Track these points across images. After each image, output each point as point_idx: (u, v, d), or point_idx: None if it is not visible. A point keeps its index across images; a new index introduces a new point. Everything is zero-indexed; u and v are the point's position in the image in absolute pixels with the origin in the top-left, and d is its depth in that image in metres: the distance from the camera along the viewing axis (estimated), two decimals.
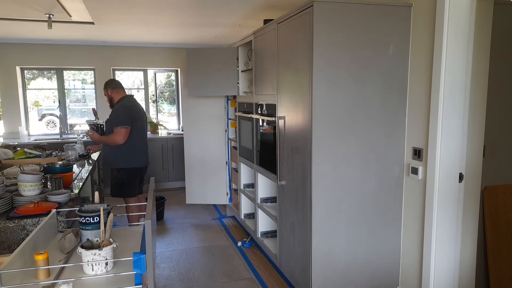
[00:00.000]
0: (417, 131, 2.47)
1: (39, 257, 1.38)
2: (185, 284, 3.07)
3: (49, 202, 2.22)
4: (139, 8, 3.59)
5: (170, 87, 6.90)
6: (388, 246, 2.66)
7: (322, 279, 2.55)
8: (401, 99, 2.53)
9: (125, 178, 3.67)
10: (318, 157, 2.42)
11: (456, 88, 2.25)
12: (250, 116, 3.49)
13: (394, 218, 2.65)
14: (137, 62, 6.22)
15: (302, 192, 2.59)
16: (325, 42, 2.33)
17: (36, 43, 5.68)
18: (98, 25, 4.36)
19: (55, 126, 6.30)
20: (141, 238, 1.76)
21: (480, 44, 2.30)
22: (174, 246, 3.82)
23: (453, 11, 2.17)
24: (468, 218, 2.44)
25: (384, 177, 2.57)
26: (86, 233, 1.60)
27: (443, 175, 2.31)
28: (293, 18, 2.56)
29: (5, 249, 1.97)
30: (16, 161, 3.34)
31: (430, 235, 2.37)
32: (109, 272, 1.45)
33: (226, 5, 3.52)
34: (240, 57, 3.91)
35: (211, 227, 4.36)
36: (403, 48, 2.48)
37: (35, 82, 6.29)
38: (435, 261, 2.39)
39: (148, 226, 1.32)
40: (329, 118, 2.41)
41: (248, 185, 4.11)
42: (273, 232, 3.64)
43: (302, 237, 2.63)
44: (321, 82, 2.36)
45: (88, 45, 5.92)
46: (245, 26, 4.47)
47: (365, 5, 2.39)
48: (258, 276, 3.17)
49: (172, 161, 6.01)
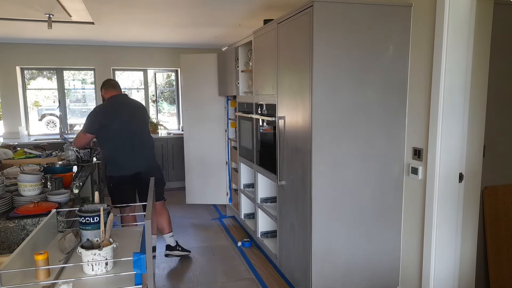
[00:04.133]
0: (417, 131, 2.47)
1: (39, 257, 1.38)
2: (185, 284, 3.07)
3: (49, 202, 2.22)
4: (139, 8, 3.59)
5: (170, 87, 6.90)
6: (388, 246, 2.66)
7: (322, 279, 2.55)
8: (401, 99, 2.53)
9: (111, 186, 3.26)
10: (318, 157, 2.42)
11: (456, 88, 2.25)
12: (250, 116, 3.50)
13: (394, 218, 2.65)
14: (137, 62, 6.22)
15: (302, 192, 2.59)
16: (325, 42, 2.33)
17: (36, 43, 5.68)
18: (98, 25, 4.36)
19: (55, 126, 6.30)
20: (141, 238, 1.76)
21: (480, 44, 2.30)
22: None
23: (453, 11, 2.16)
24: (468, 218, 2.44)
25: (384, 177, 2.57)
26: (86, 233, 1.60)
27: (443, 175, 2.31)
28: (293, 18, 2.56)
29: (5, 249, 1.97)
30: (16, 161, 3.34)
31: (430, 235, 2.37)
32: (109, 272, 1.45)
33: (226, 5, 3.52)
34: (240, 57, 3.91)
35: (211, 227, 4.36)
36: (403, 48, 2.48)
37: (35, 82, 6.29)
38: (435, 261, 2.39)
39: (148, 226, 1.32)
40: (329, 118, 2.41)
41: (248, 185, 4.11)
42: (273, 232, 3.64)
43: (302, 237, 2.63)
44: (321, 82, 2.36)
45: (88, 45, 5.92)
46: (245, 26, 4.47)
47: (365, 5, 2.39)
48: (258, 276, 3.17)
49: (172, 161, 6.01)
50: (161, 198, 3.49)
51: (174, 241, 3.55)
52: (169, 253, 3.53)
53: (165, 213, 3.52)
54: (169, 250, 3.53)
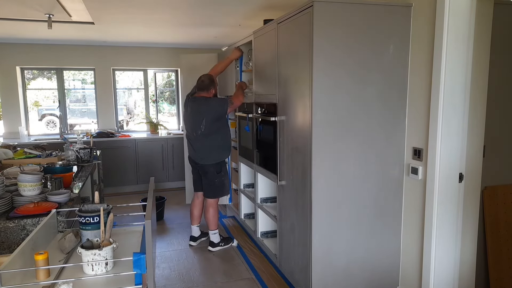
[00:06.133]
0: (417, 131, 2.47)
1: (39, 257, 1.38)
2: (185, 284, 3.07)
3: (49, 202, 2.22)
4: (139, 8, 3.59)
5: (170, 87, 6.90)
6: (388, 246, 2.66)
7: (322, 279, 2.55)
8: (401, 99, 2.53)
9: (223, 169, 3.65)
10: (318, 157, 2.42)
11: (456, 88, 2.25)
12: (250, 116, 3.49)
13: (394, 218, 2.65)
14: (137, 62, 6.22)
15: (302, 192, 2.59)
16: (325, 42, 2.33)
17: (36, 43, 5.68)
18: (98, 25, 4.36)
19: (55, 126, 6.30)
20: (141, 238, 1.76)
21: (480, 44, 2.30)
22: (174, 246, 3.82)
23: (453, 11, 2.16)
24: (468, 218, 2.44)
25: (384, 177, 2.57)
26: (86, 233, 1.60)
27: (443, 175, 2.31)
28: (293, 18, 2.56)
29: (5, 249, 1.97)
30: (16, 161, 3.34)
31: (430, 235, 2.37)
32: (109, 272, 1.45)
33: (226, 5, 3.52)
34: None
35: None
36: (403, 48, 2.48)
37: (35, 82, 6.30)
38: (435, 261, 2.39)
39: (148, 226, 1.32)
40: (329, 118, 2.41)
41: (248, 185, 4.11)
42: (273, 232, 3.64)
43: (302, 237, 2.63)
44: (321, 82, 2.36)
45: (88, 45, 5.92)
46: (245, 26, 4.47)
47: (365, 5, 2.39)
48: (258, 276, 3.17)
49: (172, 161, 6.01)
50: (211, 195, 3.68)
51: (218, 237, 3.71)
52: (211, 249, 3.67)
53: (211, 210, 3.68)
54: (211, 247, 3.68)
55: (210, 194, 3.63)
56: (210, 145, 3.48)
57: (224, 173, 3.66)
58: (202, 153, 3.52)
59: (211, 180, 3.57)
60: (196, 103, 3.46)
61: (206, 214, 3.69)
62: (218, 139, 3.52)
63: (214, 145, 3.50)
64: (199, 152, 3.52)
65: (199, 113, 3.42)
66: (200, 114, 3.41)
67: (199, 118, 3.41)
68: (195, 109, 3.45)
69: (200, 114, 3.41)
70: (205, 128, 3.41)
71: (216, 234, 3.69)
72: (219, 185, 3.61)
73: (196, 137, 3.49)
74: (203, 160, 3.53)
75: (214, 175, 3.56)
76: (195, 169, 3.69)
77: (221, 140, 3.55)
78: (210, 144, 3.48)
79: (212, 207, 3.66)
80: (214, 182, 3.58)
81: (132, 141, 5.78)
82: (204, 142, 3.48)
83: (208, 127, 3.42)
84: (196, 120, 3.44)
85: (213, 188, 3.60)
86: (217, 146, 3.53)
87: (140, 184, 5.87)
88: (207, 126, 3.41)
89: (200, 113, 3.41)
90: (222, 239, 3.72)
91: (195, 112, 3.45)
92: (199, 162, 3.55)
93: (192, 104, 3.49)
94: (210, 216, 3.67)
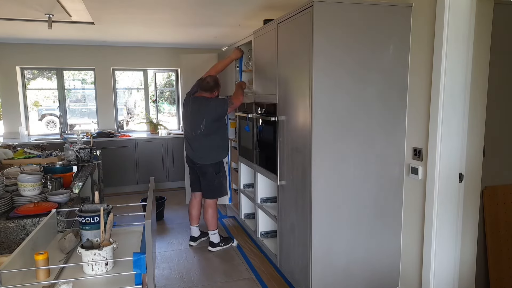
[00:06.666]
0: (417, 131, 2.47)
1: (39, 257, 1.38)
2: (185, 284, 3.07)
3: (49, 202, 2.22)
4: (139, 8, 3.59)
5: (170, 87, 6.90)
6: (388, 246, 2.66)
7: (322, 279, 2.55)
8: (401, 99, 2.53)
9: (222, 169, 3.67)
10: (318, 157, 2.42)
11: (456, 88, 2.25)
12: (250, 116, 3.49)
13: (394, 218, 2.65)
14: (137, 62, 6.22)
15: (302, 192, 2.59)
16: (325, 42, 2.33)
17: (36, 43, 5.68)
18: (98, 25, 4.36)
19: (55, 126, 6.30)
20: (141, 238, 1.76)
21: (480, 44, 2.30)
22: (174, 246, 3.82)
23: (453, 11, 2.16)
24: (468, 218, 2.44)
25: (384, 177, 2.57)
26: (86, 233, 1.60)
27: (443, 175, 2.31)
28: (293, 18, 2.56)
29: (5, 249, 1.97)
30: (16, 161, 3.34)
31: (430, 235, 2.37)
32: (109, 272, 1.45)
33: (226, 5, 3.52)
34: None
35: None
36: (403, 48, 2.48)
37: (35, 82, 6.30)
38: (435, 261, 2.39)
39: (148, 226, 1.32)
40: (329, 118, 2.41)
41: (248, 185, 4.11)
42: (273, 232, 3.64)
43: (302, 237, 2.63)
44: (321, 82, 2.36)
45: (88, 45, 5.92)
46: (245, 26, 4.47)
47: (365, 5, 2.39)
48: (258, 276, 3.17)
49: (172, 161, 6.01)
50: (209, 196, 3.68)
51: (218, 238, 3.71)
52: (211, 249, 3.68)
53: (210, 211, 3.68)
54: (211, 247, 3.68)
55: (209, 194, 3.63)
56: (209, 145, 3.49)
57: (223, 174, 3.65)
58: (200, 152, 3.52)
59: (210, 181, 3.57)
60: (197, 103, 3.45)
61: (205, 215, 3.69)
62: (217, 139, 3.52)
63: (213, 145, 3.51)
64: (198, 152, 3.52)
65: (199, 113, 3.42)
66: (200, 114, 3.41)
67: (199, 118, 3.41)
68: (195, 109, 3.45)
69: (200, 114, 3.41)
70: (205, 128, 3.41)
71: (215, 234, 3.69)
72: (218, 185, 3.61)
73: (195, 137, 3.49)
74: (201, 160, 3.53)
75: (213, 175, 3.56)
76: (193, 169, 3.69)
77: (220, 140, 3.55)
78: (209, 144, 3.48)
79: (211, 208, 3.66)
80: (213, 182, 3.58)
81: (132, 141, 5.78)
82: (203, 141, 3.48)
83: (208, 127, 3.42)
84: (196, 120, 3.44)
85: (212, 188, 3.60)
86: (216, 146, 3.53)
87: (140, 184, 5.87)
88: (207, 126, 3.41)
89: (201, 113, 3.41)
90: (222, 239, 3.72)
91: (195, 112, 3.45)
92: (198, 162, 3.55)
93: (192, 104, 3.49)
94: (209, 217, 3.67)
